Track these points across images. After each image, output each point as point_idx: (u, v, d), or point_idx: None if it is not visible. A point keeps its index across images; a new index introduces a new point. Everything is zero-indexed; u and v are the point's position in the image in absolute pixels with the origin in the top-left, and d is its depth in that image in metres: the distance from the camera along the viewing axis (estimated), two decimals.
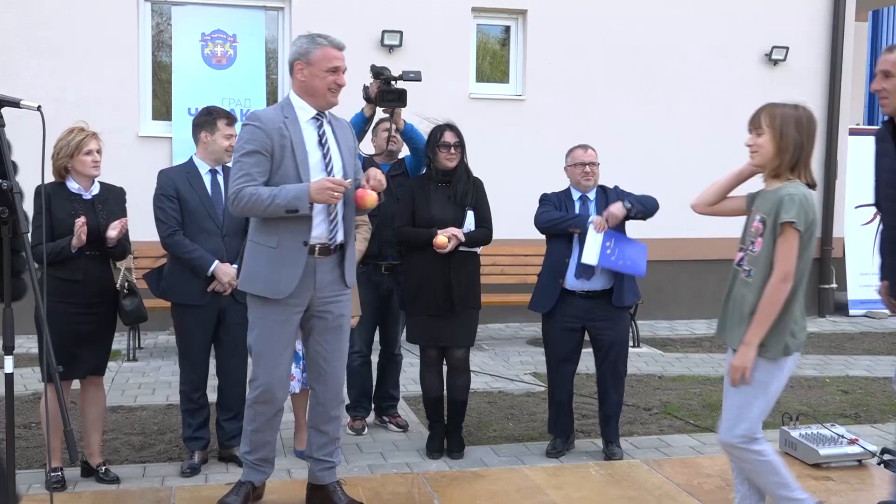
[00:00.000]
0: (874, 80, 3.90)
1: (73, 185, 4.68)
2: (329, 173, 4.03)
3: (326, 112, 4.13)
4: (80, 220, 4.49)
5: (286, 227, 3.97)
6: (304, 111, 4.05)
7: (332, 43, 4.02)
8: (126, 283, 4.82)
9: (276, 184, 3.93)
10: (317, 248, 4.04)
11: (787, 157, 3.48)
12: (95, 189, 4.76)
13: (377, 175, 4.09)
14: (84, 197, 4.69)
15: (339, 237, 4.13)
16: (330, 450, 4.31)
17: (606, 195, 5.34)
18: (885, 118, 3.97)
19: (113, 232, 4.60)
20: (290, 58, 4.06)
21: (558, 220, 5.24)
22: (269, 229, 4.00)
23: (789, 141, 3.47)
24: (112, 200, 4.80)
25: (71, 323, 4.55)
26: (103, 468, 4.84)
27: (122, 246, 4.77)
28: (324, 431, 4.30)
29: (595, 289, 5.22)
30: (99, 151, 4.71)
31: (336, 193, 3.88)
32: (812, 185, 3.56)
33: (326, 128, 4.11)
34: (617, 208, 5.08)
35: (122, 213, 4.82)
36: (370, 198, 4.06)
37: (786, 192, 3.44)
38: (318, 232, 4.04)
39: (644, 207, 5.16)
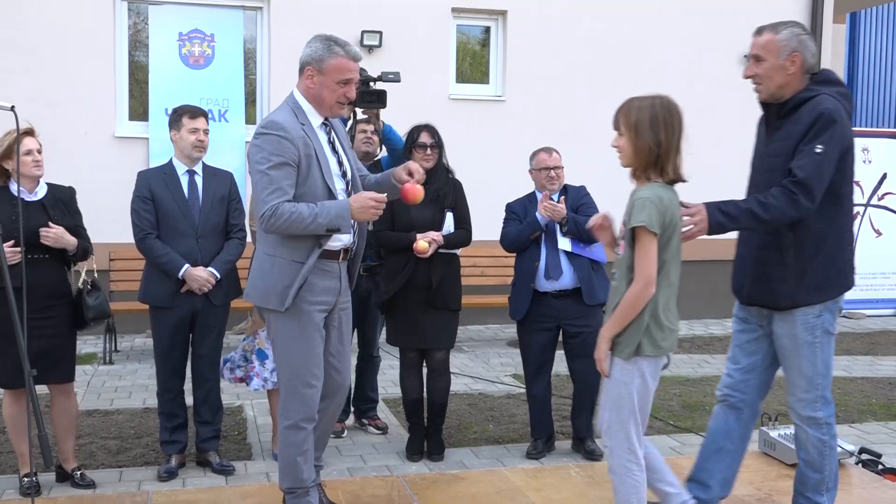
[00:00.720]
0: (746, 67, 3.81)
1: (14, 187, 4.52)
2: (345, 179, 3.92)
3: None
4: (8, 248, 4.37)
5: (308, 240, 3.80)
6: (314, 117, 3.88)
7: (348, 53, 3.81)
8: (89, 281, 4.70)
9: (304, 194, 3.75)
10: (340, 254, 3.93)
11: (644, 158, 3.38)
12: (42, 191, 4.64)
13: (419, 168, 3.97)
14: (27, 199, 4.54)
15: (356, 243, 4.03)
16: (320, 453, 4.25)
17: (567, 194, 5.39)
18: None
19: (71, 242, 4.55)
20: (302, 58, 3.84)
21: (518, 235, 5.34)
22: (295, 243, 3.79)
23: (645, 141, 3.35)
24: (61, 201, 4.69)
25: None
26: (78, 473, 4.78)
27: (83, 248, 4.68)
28: (325, 439, 4.24)
29: (565, 287, 5.27)
30: (39, 151, 4.57)
31: (378, 211, 3.75)
32: (674, 181, 3.45)
33: (333, 132, 3.98)
34: (559, 207, 5.18)
35: (72, 212, 4.72)
36: (420, 192, 3.92)
37: (638, 195, 3.37)
38: (345, 238, 3.91)
39: (577, 228, 5.19)
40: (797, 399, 3.83)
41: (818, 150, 3.52)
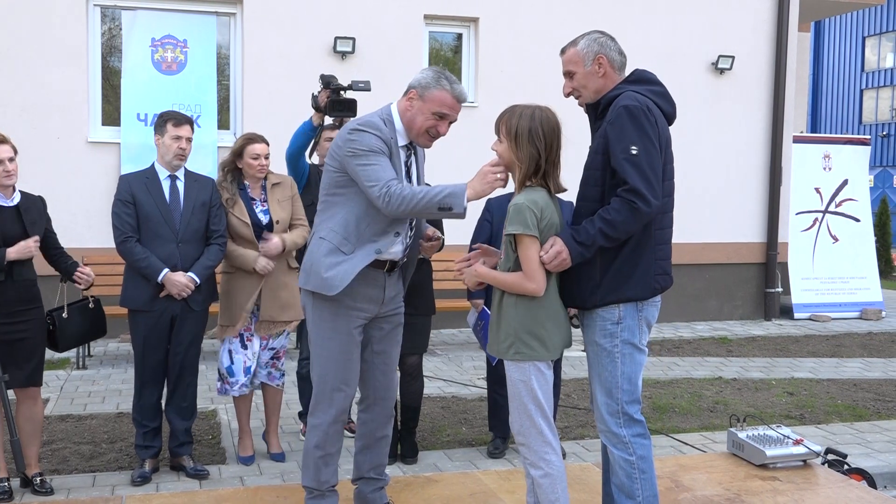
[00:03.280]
0: (564, 85, 3.86)
1: None
2: None
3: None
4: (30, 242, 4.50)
5: (370, 237, 3.83)
6: (402, 136, 3.91)
7: (454, 90, 3.84)
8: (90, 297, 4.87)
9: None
10: (387, 265, 3.94)
11: (525, 168, 3.53)
12: (17, 197, 4.63)
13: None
14: (5, 204, 4.56)
15: (406, 255, 4.05)
16: (382, 469, 4.25)
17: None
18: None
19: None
20: (411, 82, 3.88)
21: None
22: (348, 234, 3.82)
23: (525, 154, 3.51)
24: (34, 210, 4.68)
25: None
26: (38, 479, 4.74)
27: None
28: (379, 449, 4.21)
29: None
30: (11, 160, 4.53)
31: (502, 178, 3.67)
32: (555, 190, 3.58)
33: (412, 159, 4.00)
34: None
35: (43, 222, 4.72)
36: None
37: (513, 202, 3.52)
38: (395, 249, 3.93)
39: None
40: (597, 410, 3.68)
41: (633, 152, 3.43)
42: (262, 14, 9.29)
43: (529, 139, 3.50)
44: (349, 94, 5.20)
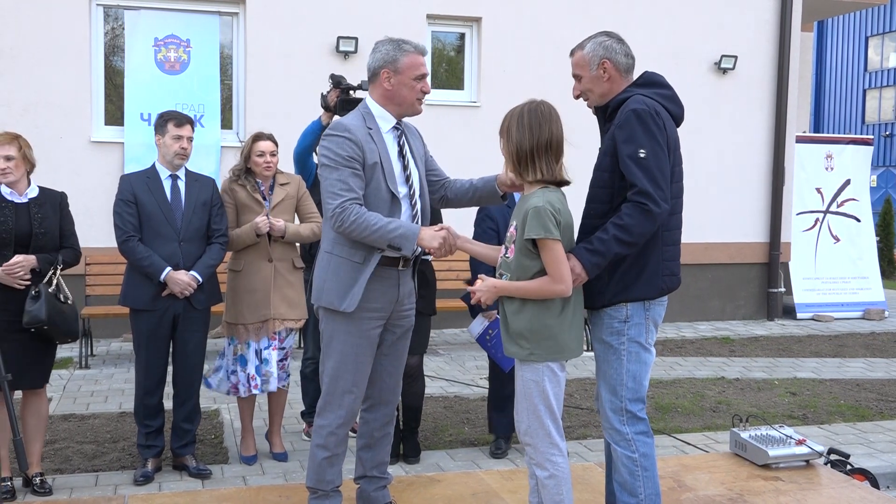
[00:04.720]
0: (573, 87, 3.87)
1: (5, 190, 4.54)
2: (409, 186, 3.93)
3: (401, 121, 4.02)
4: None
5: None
6: (385, 121, 3.91)
7: (417, 49, 3.87)
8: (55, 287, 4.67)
9: (366, 196, 3.78)
10: (400, 261, 3.92)
11: (517, 158, 3.55)
12: (33, 192, 4.64)
13: None
14: (16, 201, 4.56)
15: (419, 249, 3.99)
16: (384, 467, 4.26)
17: None
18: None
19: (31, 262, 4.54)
20: (374, 65, 3.88)
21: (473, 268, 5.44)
22: (354, 243, 3.81)
23: (514, 143, 3.54)
24: (49, 205, 4.68)
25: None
26: (38, 479, 4.73)
27: (48, 261, 4.64)
28: (381, 447, 4.22)
29: None
30: (8, 158, 4.51)
31: (445, 249, 3.74)
32: (555, 183, 3.55)
33: (404, 139, 3.99)
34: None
35: (57, 217, 4.70)
36: None
37: (530, 205, 3.49)
38: None
39: None
40: (602, 408, 3.74)
41: (642, 155, 3.47)
42: (264, 14, 9.30)
43: (518, 128, 3.54)
44: (359, 94, 5.21)
